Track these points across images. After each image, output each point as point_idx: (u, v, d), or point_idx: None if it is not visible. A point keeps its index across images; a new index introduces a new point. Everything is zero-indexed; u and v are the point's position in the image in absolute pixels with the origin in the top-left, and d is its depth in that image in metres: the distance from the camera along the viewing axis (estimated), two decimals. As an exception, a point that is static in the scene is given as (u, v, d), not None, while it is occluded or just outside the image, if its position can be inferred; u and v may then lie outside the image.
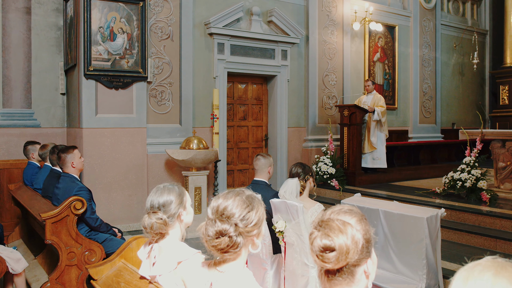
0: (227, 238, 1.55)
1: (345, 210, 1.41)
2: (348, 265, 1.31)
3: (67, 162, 3.96)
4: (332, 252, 1.29)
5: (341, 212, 1.39)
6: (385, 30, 10.06)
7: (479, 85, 12.58)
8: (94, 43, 6.52)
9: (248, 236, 1.60)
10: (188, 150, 6.50)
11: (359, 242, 1.32)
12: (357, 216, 1.39)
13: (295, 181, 3.49)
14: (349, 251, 1.29)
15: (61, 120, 7.42)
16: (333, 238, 1.29)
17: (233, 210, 1.59)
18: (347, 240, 1.30)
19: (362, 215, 1.41)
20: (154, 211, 2.01)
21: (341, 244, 1.29)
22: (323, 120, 9.00)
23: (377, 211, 4.53)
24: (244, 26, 8.01)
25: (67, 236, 3.75)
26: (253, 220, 1.60)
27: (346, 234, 1.30)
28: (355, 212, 1.41)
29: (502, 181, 6.79)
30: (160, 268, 1.95)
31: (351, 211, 1.41)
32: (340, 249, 1.28)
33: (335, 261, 1.29)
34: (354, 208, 1.43)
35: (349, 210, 1.41)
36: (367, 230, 1.37)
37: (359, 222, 1.37)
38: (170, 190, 2.09)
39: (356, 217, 1.38)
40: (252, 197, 1.65)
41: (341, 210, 1.41)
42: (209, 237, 1.57)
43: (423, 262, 4.17)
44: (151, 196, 2.08)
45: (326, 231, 1.31)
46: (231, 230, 1.56)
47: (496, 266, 0.91)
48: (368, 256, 1.36)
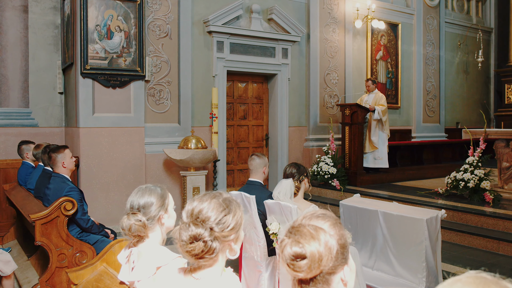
0: (201, 243, 1.46)
1: (318, 214, 1.31)
2: (323, 273, 1.21)
3: (57, 162, 3.88)
4: (303, 260, 1.19)
5: (313, 217, 1.30)
6: (387, 28, 9.93)
7: (484, 83, 12.40)
8: (90, 42, 6.44)
9: (224, 241, 1.51)
10: (186, 150, 6.41)
11: (333, 248, 1.22)
12: (331, 220, 1.29)
13: (289, 182, 3.39)
14: (322, 258, 1.19)
15: (59, 120, 7.36)
16: (304, 245, 1.20)
17: (209, 214, 1.49)
18: (320, 246, 1.20)
19: (336, 219, 1.32)
20: (134, 212, 1.93)
21: (312, 251, 1.19)
22: (325, 119, 8.89)
23: (376, 212, 4.43)
24: (244, 24, 7.91)
25: (57, 238, 3.67)
26: (230, 224, 1.51)
27: (318, 240, 1.21)
28: (329, 216, 1.31)
29: (506, 181, 6.66)
30: (138, 274, 1.86)
31: (324, 215, 1.31)
32: (312, 257, 1.19)
33: (307, 270, 1.19)
34: (328, 212, 1.34)
35: (322, 214, 1.31)
36: (342, 235, 1.28)
37: (332, 226, 1.27)
38: (152, 191, 2.00)
39: (330, 222, 1.28)
40: (229, 200, 1.56)
41: (314, 214, 1.32)
42: (182, 242, 1.48)
43: (423, 265, 4.06)
44: (131, 196, 2.00)
45: (297, 238, 1.22)
46: (206, 234, 1.46)
47: (477, 283, 0.81)
48: (344, 262, 1.26)
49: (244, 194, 3.76)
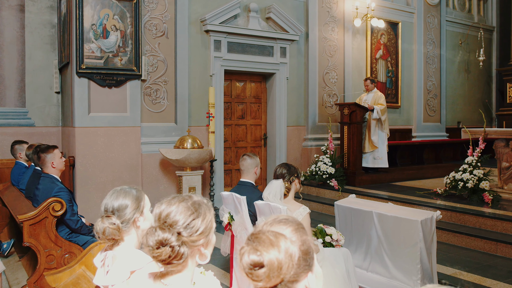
0: (168, 248, 1.41)
1: (279, 220, 1.26)
2: (284, 282, 1.16)
3: (46, 162, 3.85)
4: (261, 269, 1.14)
5: (274, 223, 1.25)
6: (387, 27, 9.85)
7: (486, 82, 12.29)
8: (86, 41, 6.41)
9: (193, 246, 1.46)
10: (181, 150, 6.37)
11: (294, 255, 1.17)
12: (293, 225, 1.24)
13: (279, 182, 3.34)
14: (282, 266, 1.14)
15: (55, 119, 7.33)
16: (262, 252, 1.14)
17: (176, 217, 1.44)
18: (279, 254, 1.15)
19: (299, 224, 1.26)
20: (108, 215, 1.88)
21: (271, 259, 1.14)
22: (324, 118, 8.82)
23: (370, 213, 4.37)
24: (242, 23, 7.86)
25: (45, 239, 3.64)
26: (199, 228, 1.46)
27: (277, 248, 1.15)
28: (291, 221, 1.26)
29: (506, 181, 6.57)
30: (112, 278, 1.81)
31: (286, 220, 1.26)
32: (270, 265, 1.14)
33: (266, 279, 1.14)
34: (290, 217, 1.29)
35: (284, 219, 1.26)
36: (305, 240, 1.23)
37: (295, 232, 1.22)
38: (126, 193, 1.95)
39: (292, 227, 1.23)
40: (199, 203, 1.50)
41: (275, 220, 1.27)
42: (149, 247, 1.43)
43: (418, 267, 4.00)
44: (106, 198, 1.95)
45: (255, 245, 1.17)
46: (173, 239, 1.41)
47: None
48: (308, 269, 1.21)
49: (235, 195, 3.71)
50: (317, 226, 3.78)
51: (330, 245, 3.68)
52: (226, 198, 3.85)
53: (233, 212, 3.77)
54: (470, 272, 4.39)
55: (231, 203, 3.79)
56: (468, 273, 4.36)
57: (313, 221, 6.75)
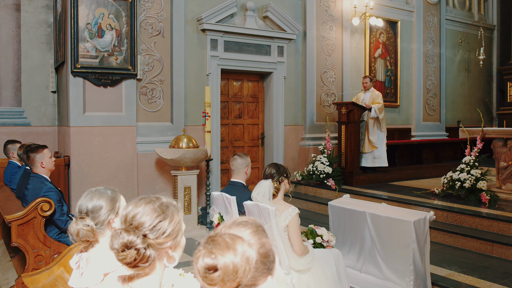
0: (133, 251, 1.38)
1: (238, 222, 1.23)
2: (242, 286, 1.13)
3: (36, 162, 3.83)
4: (215, 272, 1.11)
5: (233, 225, 1.22)
6: (386, 26, 9.79)
7: (486, 81, 12.21)
8: (81, 40, 6.39)
9: (160, 248, 1.42)
10: (176, 149, 6.34)
11: (251, 258, 1.14)
12: (252, 228, 1.21)
13: (268, 183, 3.30)
14: (238, 269, 1.11)
15: (52, 119, 7.32)
16: (216, 256, 1.12)
17: (142, 219, 1.41)
18: (235, 257, 1.12)
19: (258, 226, 1.23)
20: (82, 217, 1.85)
21: (226, 262, 1.11)
22: (322, 118, 8.77)
23: (364, 213, 4.32)
24: (238, 22, 7.82)
25: (34, 239, 3.61)
26: (166, 231, 1.42)
27: (234, 251, 1.12)
28: (251, 224, 1.22)
29: (504, 181, 6.51)
30: (86, 280, 1.78)
31: (246, 222, 1.23)
32: (225, 268, 1.11)
33: (220, 282, 1.11)
34: (250, 220, 1.25)
35: (244, 222, 1.23)
36: (264, 243, 1.19)
37: (253, 234, 1.19)
38: (101, 194, 1.92)
39: (251, 229, 1.20)
40: (166, 204, 1.47)
41: (234, 222, 1.23)
42: (114, 250, 1.40)
43: (411, 268, 3.95)
44: (80, 199, 1.92)
45: (210, 248, 1.14)
46: (138, 242, 1.38)
47: None
48: (267, 273, 1.17)
49: (225, 195, 3.67)
50: (308, 227, 3.74)
51: (321, 246, 3.64)
52: (217, 198, 3.82)
53: (223, 213, 3.74)
54: (465, 273, 4.34)
55: (221, 203, 3.76)
56: (462, 274, 4.31)
57: (310, 221, 6.73)
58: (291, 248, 3.21)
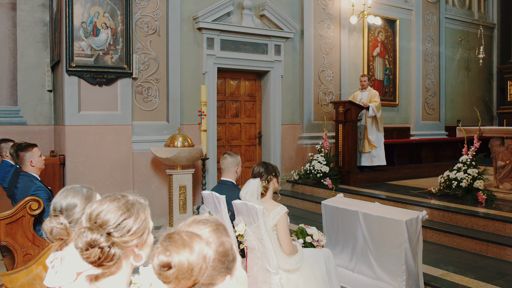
0: (97, 250, 1.36)
1: (198, 220, 1.21)
2: (198, 285, 1.11)
3: (25, 160, 3.81)
4: (170, 270, 1.10)
5: (193, 223, 1.20)
6: (385, 24, 9.74)
7: (487, 80, 12.14)
8: (76, 39, 6.37)
9: (126, 246, 1.40)
10: (171, 148, 6.32)
11: (209, 256, 1.12)
12: (211, 226, 1.19)
13: (256, 181, 3.27)
14: (193, 267, 1.10)
15: (48, 118, 7.31)
16: (171, 253, 1.10)
17: (107, 217, 1.39)
18: (191, 255, 1.10)
19: (219, 225, 1.21)
20: (56, 215, 1.83)
21: (181, 260, 1.09)
22: (319, 117, 8.74)
23: (356, 213, 4.29)
24: (235, 21, 7.79)
25: (23, 238, 3.60)
26: (131, 229, 1.40)
27: (190, 248, 1.11)
28: (211, 222, 1.20)
29: (501, 180, 6.46)
30: (60, 279, 1.76)
31: (207, 220, 1.21)
32: (179, 266, 1.09)
33: (175, 280, 1.10)
34: (211, 218, 1.23)
35: (204, 220, 1.21)
36: (223, 242, 1.17)
37: (212, 232, 1.17)
38: (76, 192, 1.90)
39: (210, 227, 1.18)
40: (132, 202, 1.44)
41: (195, 220, 1.22)
42: (78, 249, 1.38)
43: (403, 268, 3.92)
44: (55, 197, 1.90)
45: (167, 246, 1.12)
46: (102, 240, 1.36)
47: None
48: (226, 272, 1.15)
49: (215, 194, 3.65)
50: (298, 226, 3.71)
51: (311, 245, 3.61)
52: (207, 197, 3.79)
53: (213, 212, 3.72)
54: (458, 273, 4.30)
55: (211, 202, 3.73)
56: (455, 274, 4.27)
57: (306, 221, 6.70)
58: (280, 248, 3.19)
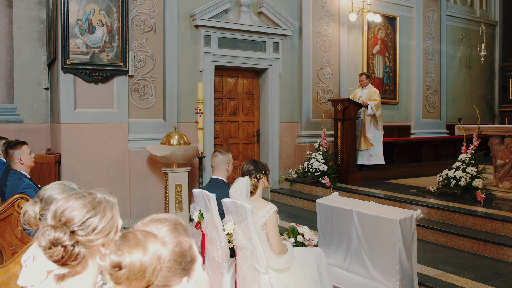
0: (60, 248, 1.31)
1: (156, 219, 1.16)
2: (152, 286, 1.07)
3: (14, 158, 3.78)
4: (121, 270, 1.05)
5: (151, 222, 1.15)
6: (385, 22, 9.65)
7: (488, 78, 12.02)
8: (72, 36, 6.34)
9: (91, 245, 1.35)
10: (167, 146, 6.28)
11: (164, 257, 1.07)
12: (169, 225, 1.14)
13: (245, 180, 3.22)
14: (146, 268, 1.05)
15: (44, 115, 7.28)
16: (123, 253, 1.05)
17: (71, 215, 1.34)
18: (144, 255, 1.05)
19: (178, 224, 1.16)
20: (35, 201, 1.80)
21: (133, 260, 1.04)
22: (318, 115, 8.67)
23: (350, 212, 4.23)
24: (233, 18, 7.73)
25: (11, 236, 3.56)
26: (97, 227, 1.35)
27: (143, 248, 1.06)
28: (169, 221, 1.16)
29: (501, 179, 6.38)
30: (31, 278, 1.71)
31: (164, 219, 1.16)
32: (131, 266, 1.04)
33: (126, 281, 1.05)
34: (171, 217, 1.18)
35: (163, 218, 1.16)
36: (181, 242, 1.12)
37: (169, 232, 1.12)
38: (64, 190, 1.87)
39: (168, 226, 1.13)
40: (99, 200, 1.39)
41: (153, 219, 1.17)
42: (42, 247, 1.33)
43: (396, 268, 3.86)
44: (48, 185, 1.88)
45: (120, 245, 1.07)
46: (65, 238, 1.31)
47: None
48: (183, 274, 1.11)
49: (205, 192, 3.60)
50: (290, 225, 3.66)
51: (302, 244, 3.56)
52: (197, 196, 3.75)
53: (204, 210, 3.67)
54: (454, 274, 4.23)
55: (201, 200, 3.69)
56: (452, 275, 4.21)
57: (304, 219, 6.64)
58: (269, 247, 3.14)
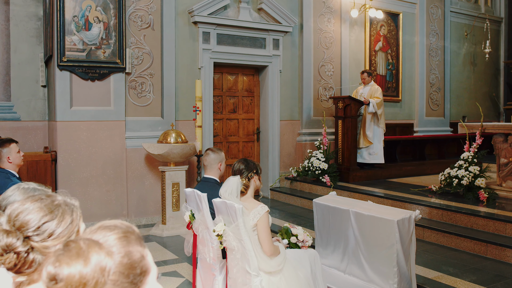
0: (13, 255, 1.21)
1: (106, 225, 1.05)
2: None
3: (2, 156, 3.70)
4: (58, 284, 0.94)
5: (99, 229, 1.04)
6: (387, 18, 9.50)
7: (493, 76, 11.83)
8: (68, 33, 6.26)
9: (48, 252, 1.25)
10: (164, 144, 6.19)
11: (108, 269, 0.96)
12: (119, 233, 1.03)
13: (236, 179, 3.12)
14: (87, 281, 0.94)
15: (42, 113, 7.22)
16: (61, 264, 0.95)
17: (26, 218, 1.24)
18: (85, 267, 0.95)
19: (129, 232, 1.05)
20: None
21: (71, 273, 0.94)
22: (319, 113, 8.55)
23: (347, 212, 4.13)
24: (232, 14, 7.62)
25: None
26: (54, 232, 1.25)
27: (85, 259, 0.95)
28: (119, 228, 1.04)
29: (504, 178, 6.24)
30: (-2, 286, 1.63)
31: (114, 226, 1.05)
32: (68, 280, 0.94)
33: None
34: (121, 223, 1.07)
35: (112, 225, 1.05)
36: (130, 252, 1.01)
37: (118, 240, 1.01)
38: (24, 192, 1.76)
39: (117, 235, 1.02)
40: (57, 203, 1.29)
41: (102, 225, 1.06)
42: None
43: (394, 270, 3.75)
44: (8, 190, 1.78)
45: (58, 255, 0.97)
46: (18, 244, 1.21)
47: None
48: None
49: (197, 192, 3.51)
50: (283, 226, 3.56)
51: (296, 246, 3.46)
52: (189, 195, 3.66)
53: (195, 210, 3.58)
54: (454, 276, 4.11)
55: (193, 200, 3.60)
56: (451, 277, 4.09)
57: (303, 219, 6.53)
58: (261, 249, 3.04)
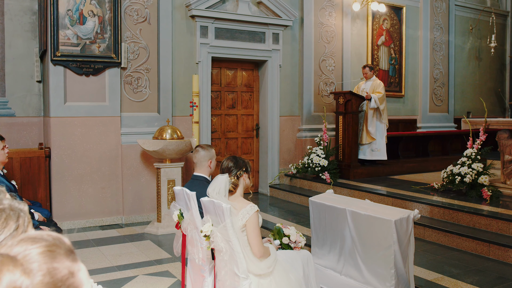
0: None
1: (30, 237, 0.91)
2: None
3: (-14, 153, 3.60)
4: None
5: (21, 241, 0.90)
6: (390, 12, 9.30)
7: (499, 70, 11.60)
8: (61, 27, 6.14)
9: None
10: (159, 141, 6.07)
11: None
12: (43, 247, 0.88)
13: (224, 177, 2.99)
14: None
15: (37, 109, 7.11)
16: None
17: None
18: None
19: (56, 246, 0.90)
20: None
21: None
22: (319, 108, 8.39)
23: (344, 211, 3.98)
24: (230, 8, 7.46)
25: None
26: None
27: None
28: (45, 240, 0.90)
29: (509, 176, 6.08)
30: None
31: (39, 238, 0.90)
32: None
33: None
34: (50, 234, 0.92)
35: (38, 237, 0.90)
36: (54, 269, 0.87)
37: (41, 255, 0.87)
38: None
39: (41, 249, 0.88)
40: (2, 208, 1.16)
41: (25, 237, 0.91)
42: None
43: (392, 272, 3.60)
44: None
45: None
46: None
47: None
48: None
49: (186, 190, 3.37)
50: (275, 226, 3.42)
51: (288, 247, 3.32)
52: (178, 194, 3.52)
53: (184, 209, 3.45)
54: (454, 277, 3.96)
55: (182, 199, 3.46)
56: (451, 279, 3.94)
57: (302, 217, 6.39)
58: (250, 250, 2.90)
